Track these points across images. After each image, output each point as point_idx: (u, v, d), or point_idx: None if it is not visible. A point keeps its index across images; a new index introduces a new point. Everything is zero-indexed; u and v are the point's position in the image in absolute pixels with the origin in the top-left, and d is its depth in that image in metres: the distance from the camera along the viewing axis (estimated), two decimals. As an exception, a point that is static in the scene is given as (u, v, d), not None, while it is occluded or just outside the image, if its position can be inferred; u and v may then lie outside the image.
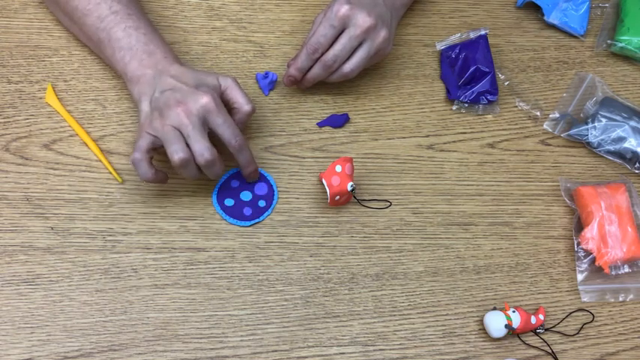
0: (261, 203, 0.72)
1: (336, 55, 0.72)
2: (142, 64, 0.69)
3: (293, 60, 0.75)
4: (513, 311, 0.68)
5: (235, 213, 0.72)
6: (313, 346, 0.68)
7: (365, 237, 0.73)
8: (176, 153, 0.65)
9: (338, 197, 0.71)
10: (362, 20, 0.71)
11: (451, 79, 0.82)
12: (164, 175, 0.69)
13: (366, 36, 0.72)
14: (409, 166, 0.78)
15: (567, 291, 0.73)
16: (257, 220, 0.72)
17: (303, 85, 0.77)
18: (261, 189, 0.73)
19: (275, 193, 0.73)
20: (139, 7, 0.75)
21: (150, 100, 0.67)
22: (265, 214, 0.72)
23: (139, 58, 0.69)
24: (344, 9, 0.70)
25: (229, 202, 0.72)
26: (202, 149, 0.65)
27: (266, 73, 0.78)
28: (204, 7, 0.83)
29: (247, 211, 0.72)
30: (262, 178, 0.74)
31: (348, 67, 0.74)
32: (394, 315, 0.70)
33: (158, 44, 0.71)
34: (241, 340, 0.67)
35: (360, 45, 0.73)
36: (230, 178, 0.73)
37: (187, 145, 0.65)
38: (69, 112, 0.76)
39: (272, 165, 0.76)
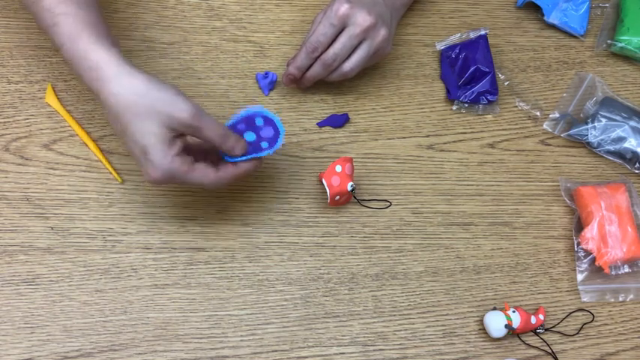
0: (264, 145, 0.67)
1: (336, 53, 0.72)
2: (85, 78, 0.61)
3: (292, 59, 0.75)
4: (513, 311, 0.68)
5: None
6: (313, 346, 0.68)
7: (365, 237, 0.73)
8: (210, 185, 0.62)
9: (338, 197, 0.71)
10: (362, 19, 0.71)
11: (451, 79, 0.82)
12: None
13: (365, 35, 0.72)
14: (409, 166, 0.78)
15: (567, 291, 0.73)
16: (252, 156, 0.65)
17: (303, 84, 0.77)
18: (267, 132, 0.68)
19: (281, 135, 0.68)
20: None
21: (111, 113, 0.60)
22: (265, 153, 0.66)
23: (81, 68, 0.61)
24: (344, 8, 0.70)
25: None
26: (207, 179, 0.62)
27: (266, 73, 0.78)
28: (204, 7, 0.83)
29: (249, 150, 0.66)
30: (269, 121, 0.69)
31: (348, 66, 0.74)
32: (394, 315, 0.70)
33: (83, 36, 0.60)
34: (241, 340, 0.67)
35: (359, 44, 0.73)
36: (238, 122, 0.68)
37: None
38: (69, 112, 0.75)
39: (272, 165, 0.76)
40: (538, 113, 0.82)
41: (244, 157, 0.65)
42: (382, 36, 0.73)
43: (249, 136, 0.68)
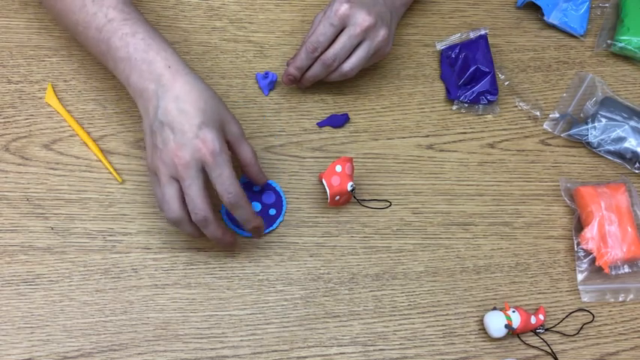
0: (272, 212, 0.72)
1: (336, 53, 0.72)
2: (143, 76, 0.63)
3: (292, 59, 0.75)
4: (513, 311, 0.68)
5: None
6: (313, 346, 0.68)
7: (365, 237, 0.73)
8: (169, 212, 0.62)
9: (338, 197, 0.71)
10: (361, 19, 0.71)
11: (451, 79, 0.82)
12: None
13: (365, 35, 0.72)
14: (409, 166, 0.78)
15: (567, 291, 0.73)
16: (270, 229, 0.72)
17: (303, 85, 0.77)
18: (268, 197, 0.73)
19: (283, 199, 0.73)
20: (135, 9, 0.68)
21: (150, 124, 0.63)
22: (277, 222, 0.72)
23: (138, 69, 0.63)
24: (343, 8, 0.70)
25: None
26: (196, 208, 0.61)
27: (266, 73, 0.78)
28: (204, 7, 0.83)
29: None
30: (268, 186, 0.74)
31: (348, 66, 0.74)
32: (394, 315, 0.70)
33: (158, 50, 0.64)
34: (241, 340, 0.67)
35: (359, 44, 0.73)
36: None
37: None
38: (69, 112, 0.76)
39: (272, 165, 0.76)
40: (538, 113, 0.82)
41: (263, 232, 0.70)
42: (382, 36, 0.73)
43: (255, 207, 0.71)
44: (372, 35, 0.72)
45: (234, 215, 0.64)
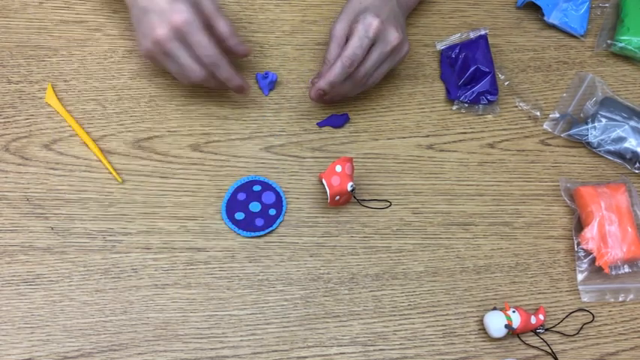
0: (272, 212, 0.73)
1: (367, 70, 0.73)
2: None
3: (321, 74, 0.73)
4: (513, 311, 0.68)
5: (248, 225, 0.72)
6: (313, 346, 0.68)
7: (365, 237, 0.73)
8: (184, 79, 0.70)
9: (338, 197, 0.71)
10: (393, 37, 0.72)
11: (451, 79, 0.82)
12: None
13: (393, 52, 0.73)
14: (409, 166, 0.78)
15: (567, 291, 0.73)
16: (270, 229, 0.72)
17: (330, 101, 0.77)
18: (268, 198, 0.73)
19: (283, 199, 0.73)
20: None
21: (136, 14, 0.69)
22: (277, 222, 0.72)
23: None
24: (376, 22, 0.70)
25: (240, 215, 0.72)
26: (193, 72, 0.69)
27: (266, 73, 0.78)
28: (204, 7, 0.83)
29: (259, 221, 0.72)
30: (268, 186, 0.74)
31: (372, 80, 0.75)
32: (394, 315, 0.70)
33: None
34: (241, 340, 0.67)
35: (386, 59, 0.74)
36: (236, 192, 0.73)
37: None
38: (69, 112, 0.76)
39: (272, 165, 0.76)
40: (538, 113, 0.82)
41: (263, 232, 0.71)
42: (405, 51, 0.75)
43: (255, 207, 0.71)
44: (398, 50, 0.74)
45: (217, 75, 0.70)
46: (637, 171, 0.79)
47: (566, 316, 0.72)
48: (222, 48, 0.70)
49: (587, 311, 0.72)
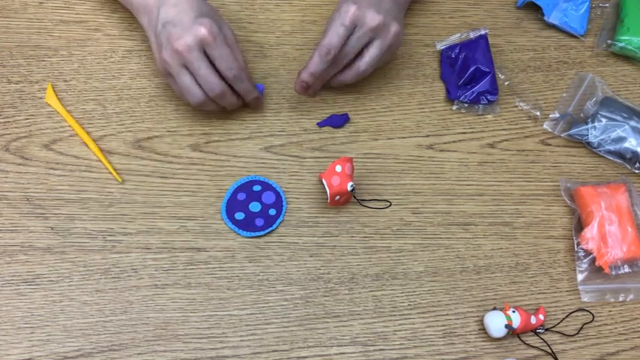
0: (272, 212, 0.73)
1: (345, 54, 0.72)
2: None
3: (304, 68, 0.74)
4: (513, 311, 0.68)
5: (247, 225, 0.72)
6: (313, 346, 0.68)
7: (365, 237, 0.73)
8: (191, 97, 0.70)
9: (338, 197, 0.71)
10: (370, 18, 0.71)
11: (451, 79, 0.82)
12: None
13: (375, 34, 0.72)
14: (409, 166, 0.78)
15: (567, 291, 0.73)
16: (270, 229, 0.72)
17: (313, 90, 0.77)
18: (268, 198, 0.73)
19: (283, 199, 0.73)
20: None
21: (154, 31, 0.70)
22: (277, 222, 0.72)
23: None
24: (352, 9, 0.70)
25: (240, 215, 0.72)
26: (210, 85, 0.69)
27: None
28: (204, 7, 0.83)
29: (259, 221, 0.72)
30: (268, 186, 0.74)
31: (363, 64, 0.74)
32: (394, 315, 0.70)
33: None
34: (241, 340, 0.67)
35: (370, 42, 0.73)
36: (236, 192, 0.73)
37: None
38: (69, 112, 0.76)
39: (272, 165, 0.76)
40: (538, 113, 0.82)
41: (263, 232, 0.72)
42: (393, 32, 0.73)
43: (255, 207, 0.72)
44: (383, 33, 0.72)
45: (237, 89, 0.72)
46: (637, 171, 0.79)
47: (566, 316, 0.72)
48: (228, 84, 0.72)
49: (587, 311, 0.72)
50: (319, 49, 0.71)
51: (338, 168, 0.70)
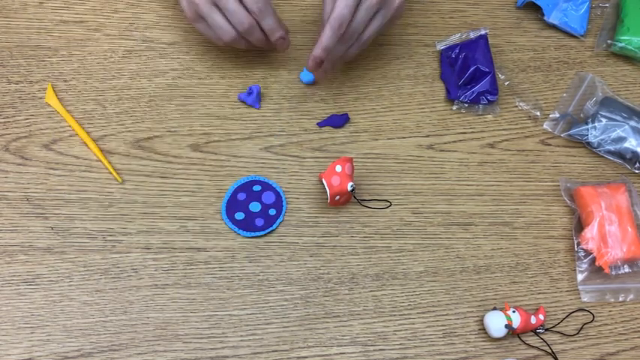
0: (272, 212, 0.73)
1: (356, 28, 0.71)
2: None
3: (317, 43, 0.72)
4: (513, 311, 0.68)
5: (247, 225, 0.72)
6: (313, 346, 0.68)
7: (365, 237, 0.73)
8: (224, 34, 0.71)
9: (338, 197, 0.71)
10: None
11: (451, 79, 0.82)
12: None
13: (381, 5, 0.71)
14: (409, 166, 0.78)
15: (567, 291, 0.73)
16: (270, 229, 0.72)
17: (324, 71, 0.75)
18: (268, 198, 0.73)
19: (283, 199, 0.73)
20: None
21: None
22: (277, 222, 0.72)
23: None
24: None
25: (239, 215, 0.72)
26: (239, 18, 0.70)
27: (250, 89, 0.77)
28: (204, 7, 0.83)
29: (259, 221, 0.72)
30: (268, 186, 0.74)
31: (366, 35, 0.73)
32: (394, 315, 0.70)
33: None
34: (241, 340, 0.67)
35: (375, 13, 0.72)
36: (236, 192, 0.73)
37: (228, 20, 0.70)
38: (69, 112, 0.76)
39: (272, 165, 0.76)
40: (538, 113, 0.82)
41: (263, 232, 0.72)
42: (398, 2, 0.73)
43: (255, 207, 0.72)
44: (387, 4, 0.72)
45: (262, 25, 0.72)
46: (637, 171, 0.79)
47: (566, 316, 0.72)
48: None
49: (587, 311, 0.72)
50: (331, 22, 0.69)
51: (338, 168, 0.70)
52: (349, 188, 0.70)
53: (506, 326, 0.68)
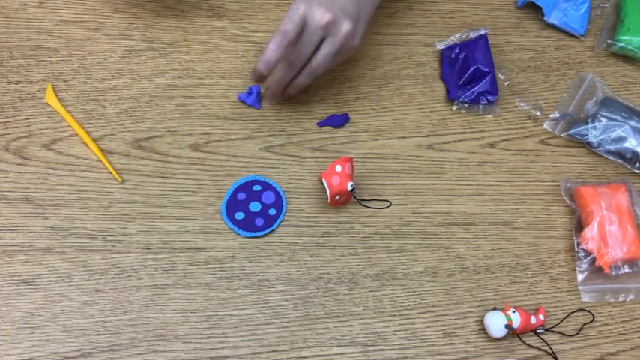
0: (272, 212, 0.73)
1: (301, 51, 0.70)
2: None
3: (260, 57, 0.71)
4: (513, 311, 0.68)
5: (247, 225, 0.72)
6: (313, 346, 0.68)
7: (365, 237, 0.73)
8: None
9: (338, 197, 0.71)
10: (319, 16, 0.69)
11: (451, 79, 0.82)
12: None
13: (326, 31, 0.70)
14: (409, 166, 0.78)
15: (567, 291, 0.73)
16: (270, 229, 0.72)
17: (272, 93, 0.76)
18: (268, 198, 0.73)
19: (283, 199, 0.73)
20: None
21: None
22: (277, 222, 0.72)
23: None
24: (302, 7, 0.69)
25: (239, 215, 0.72)
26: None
27: (250, 89, 0.77)
28: (204, 7, 0.83)
29: (259, 221, 0.72)
30: (268, 186, 0.74)
31: (315, 62, 0.71)
32: (394, 315, 0.70)
33: None
34: (241, 340, 0.67)
35: (323, 41, 0.71)
36: (236, 192, 0.73)
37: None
38: (69, 112, 0.76)
39: (272, 165, 0.76)
40: (538, 113, 0.82)
41: (263, 232, 0.72)
42: (345, 30, 0.70)
43: (255, 207, 0.72)
44: (334, 31, 0.70)
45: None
46: (637, 171, 0.79)
47: (566, 316, 0.72)
48: None
49: (587, 311, 0.72)
50: (274, 35, 0.69)
51: (338, 168, 0.70)
52: (349, 188, 0.70)
53: (506, 326, 0.68)
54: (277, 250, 0.72)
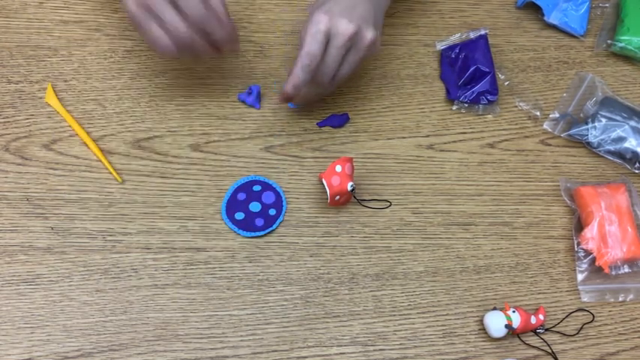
0: (272, 212, 0.73)
1: (327, 68, 0.69)
2: None
3: (287, 79, 0.71)
4: (513, 311, 0.68)
5: (247, 225, 0.72)
6: (313, 346, 0.68)
7: (365, 237, 0.73)
8: (159, 47, 0.65)
9: (338, 197, 0.71)
10: (343, 28, 0.68)
11: (451, 79, 0.82)
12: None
13: (351, 43, 0.69)
14: (409, 166, 0.78)
15: (567, 291, 0.73)
16: (270, 229, 0.72)
17: (297, 102, 0.76)
18: (268, 198, 0.73)
19: (283, 199, 0.73)
20: None
21: None
22: (277, 222, 0.72)
23: None
24: (325, 19, 0.67)
25: (239, 215, 0.72)
26: (176, 30, 0.63)
27: (250, 89, 0.77)
28: (204, 7, 0.83)
29: (259, 221, 0.72)
30: (268, 186, 0.74)
31: (339, 75, 0.71)
32: (394, 315, 0.70)
33: None
34: (241, 340, 0.67)
35: (347, 52, 0.70)
36: (236, 192, 0.73)
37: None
38: (69, 112, 0.76)
39: (272, 165, 0.76)
40: (538, 113, 0.82)
41: (263, 232, 0.71)
42: (369, 40, 0.70)
43: (255, 207, 0.72)
44: (358, 41, 0.69)
45: (211, 31, 0.65)
46: (637, 171, 0.79)
47: (566, 316, 0.72)
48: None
49: (587, 311, 0.72)
50: (300, 58, 0.68)
51: (338, 168, 0.70)
52: (349, 188, 0.70)
53: (506, 326, 0.68)
54: (277, 250, 0.72)
